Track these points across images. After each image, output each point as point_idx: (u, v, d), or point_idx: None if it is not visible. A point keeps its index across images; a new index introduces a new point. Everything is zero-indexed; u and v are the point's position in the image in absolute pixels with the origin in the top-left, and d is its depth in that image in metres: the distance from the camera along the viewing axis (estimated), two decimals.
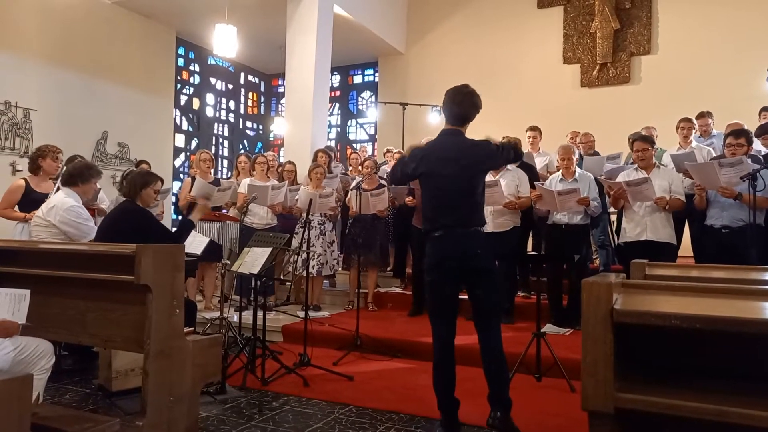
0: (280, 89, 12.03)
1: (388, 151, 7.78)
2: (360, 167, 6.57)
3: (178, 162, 10.23)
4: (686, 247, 5.11)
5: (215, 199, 5.57)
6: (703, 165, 4.32)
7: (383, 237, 5.93)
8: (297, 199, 5.81)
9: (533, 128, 6.45)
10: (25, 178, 4.63)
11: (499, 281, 3.12)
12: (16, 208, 4.48)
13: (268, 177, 6.19)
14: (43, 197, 4.36)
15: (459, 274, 2.97)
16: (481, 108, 3.13)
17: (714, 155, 5.11)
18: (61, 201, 3.77)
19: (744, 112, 6.39)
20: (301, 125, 8.09)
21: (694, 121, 5.70)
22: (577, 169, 5.05)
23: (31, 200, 4.41)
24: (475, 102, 3.10)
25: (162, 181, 4.07)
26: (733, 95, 7.54)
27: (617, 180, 4.61)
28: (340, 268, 6.13)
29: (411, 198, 5.57)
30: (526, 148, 6.31)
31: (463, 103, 3.07)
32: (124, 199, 3.76)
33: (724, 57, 8.12)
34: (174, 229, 4.30)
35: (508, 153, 3.14)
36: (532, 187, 5.08)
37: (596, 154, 6.18)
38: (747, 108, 6.59)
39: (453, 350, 2.98)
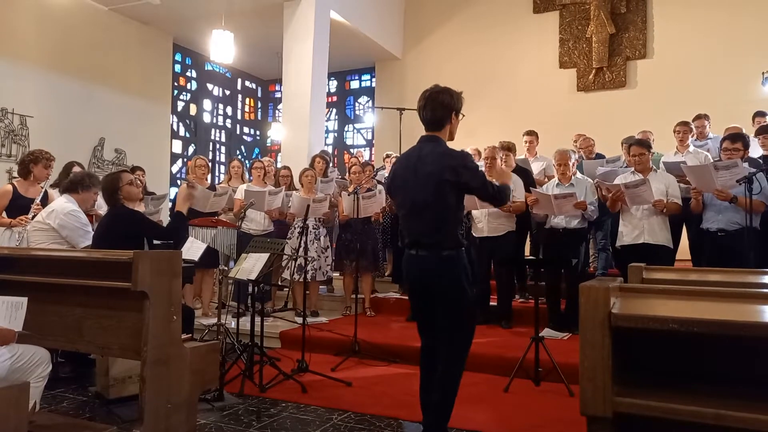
0: (277, 95, 12.05)
1: (387, 156, 7.79)
2: (349, 173, 6.55)
3: (175, 168, 10.22)
4: (684, 250, 5.12)
5: (212, 204, 5.57)
6: (699, 167, 4.33)
7: (374, 242, 5.93)
8: (290, 205, 5.80)
9: (530, 133, 6.47)
10: (12, 183, 4.58)
11: (466, 310, 2.81)
12: (4, 213, 4.43)
13: (265, 182, 6.19)
14: (30, 203, 4.34)
15: (427, 296, 2.79)
16: (459, 105, 2.81)
17: (711, 159, 5.12)
18: (62, 205, 3.79)
19: (740, 116, 6.41)
20: (298, 131, 8.11)
21: (692, 124, 5.72)
22: (577, 173, 5.06)
23: (18, 205, 4.37)
24: (443, 101, 2.76)
25: (129, 170, 4.07)
26: (729, 99, 7.57)
27: (615, 182, 4.62)
28: (332, 274, 6.12)
29: None
30: (522, 152, 6.33)
31: (427, 106, 2.78)
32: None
33: (719, 61, 8.16)
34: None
35: (495, 191, 2.83)
36: (528, 191, 5.09)
37: (599, 157, 6.19)
38: (743, 111, 6.62)
39: (430, 356, 2.86)
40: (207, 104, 11.23)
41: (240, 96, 12.13)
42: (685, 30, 8.52)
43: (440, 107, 2.76)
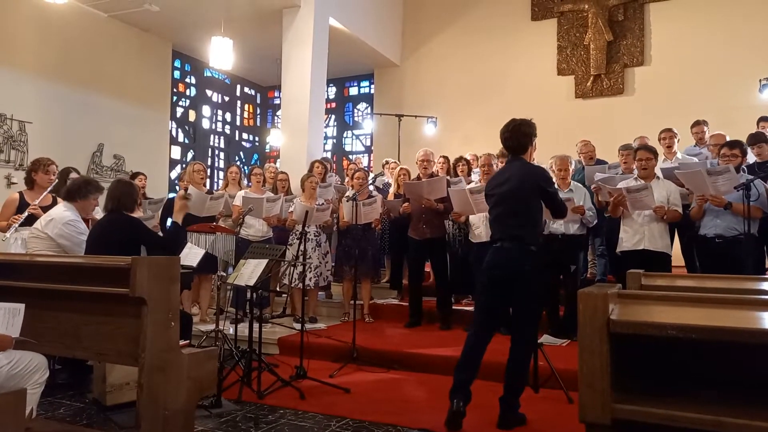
0: (276, 101, 12.07)
1: (386, 162, 7.79)
2: (351, 179, 6.56)
3: (174, 174, 10.22)
4: (676, 256, 5.11)
5: (209, 208, 5.57)
6: (693, 173, 4.33)
7: (374, 248, 5.92)
8: (291, 211, 5.80)
9: None
10: (20, 192, 4.60)
11: (539, 297, 3.44)
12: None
13: (263, 189, 6.19)
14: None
15: (504, 284, 3.24)
16: (535, 131, 3.39)
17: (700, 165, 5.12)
18: (61, 214, 3.76)
19: (737, 122, 6.44)
20: (297, 137, 8.12)
21: (675, 131, 5.74)
22: (572, 181, 5.08)
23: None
24: (523, 131, 3.36)
25: (134, 175, 4.02)
26: (726, 105, 7.60)
27: (618, 187, 4.61)
28: (332, 279, 6.12)
29: (407, 204, 5.58)
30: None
31: (512, 137, 3.37)
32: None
33: (716, 68, 8.20)
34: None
35: (560, 203, 3.47)
36: None
37: (599, 163, 6.20)
38: (740, 118, 6.64)
39: (481, 342, 3.30)
40: (206, 110, 11.24)
41: (239, 102, 12.15)
42: (683, 37, 8.56)
43: (523, 136, 3.37)
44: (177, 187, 9.85)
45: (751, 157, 5.02)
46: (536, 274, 3.27)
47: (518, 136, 3.37)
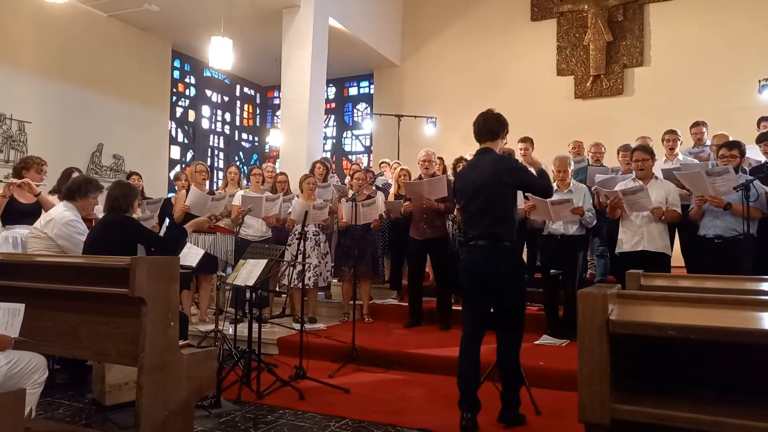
0: (276, 101, 12.07)
1: (383, 162, 7.79)
2: (351, 179, 6.56)
3: (173, 174, 10.22)
4: (676, 257, 5.11)
5: (210, 208, 5.57)
6: (692, 174, 4.33)
7: (374, 248, 5.92)
8: (290, 211, 5.80)
9: (524, 140, 6.43)
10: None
11: (521, 296, 3.31)
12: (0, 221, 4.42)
13: (263, 189, 6.19)
14: (26, 208, 4.34)
15: (483, 284, 3.19)
16: (507, 126, 3.38)
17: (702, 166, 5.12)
18: (61, 214, 3.76)
19: (737, 123, 6.44)
20: (296, 137, 8.13)
21: (679, 133, 5.75)
22: (572, 181, 5.08)
23: (14, 211, 4.36)
24: (497, 117, 3.35)
25: (129, 175, 3.99)
26: (726, 106, 7.60)
27: (615, 189, 4.61)
28: (332, 279, 6.12)
29: (408, 203, 5.58)
30: (517, 159, 6.34)
31: (486, 122, 3.33)
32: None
33: (716, 68, 8.21)
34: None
35: (545, 180, 3.39)
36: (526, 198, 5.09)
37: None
38: (739, 119, 6.64)
39: (474, 343, 3.21)
40: (205, 110, 11.24)
41: (239, 102, 12.15)
42: (682, 38, 8.57)
43: (496, 122, 3.34)
44: (175, 187, 9.85)
45: (759, 156, 5.02)
46: (515, 270, 3.20)
47: (491, 121, 3.34)
